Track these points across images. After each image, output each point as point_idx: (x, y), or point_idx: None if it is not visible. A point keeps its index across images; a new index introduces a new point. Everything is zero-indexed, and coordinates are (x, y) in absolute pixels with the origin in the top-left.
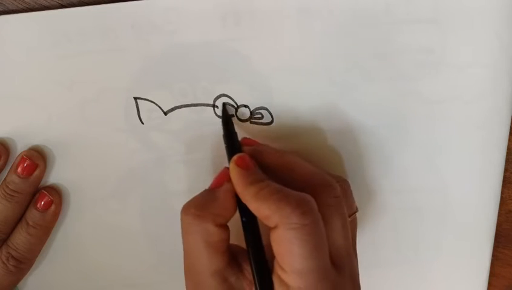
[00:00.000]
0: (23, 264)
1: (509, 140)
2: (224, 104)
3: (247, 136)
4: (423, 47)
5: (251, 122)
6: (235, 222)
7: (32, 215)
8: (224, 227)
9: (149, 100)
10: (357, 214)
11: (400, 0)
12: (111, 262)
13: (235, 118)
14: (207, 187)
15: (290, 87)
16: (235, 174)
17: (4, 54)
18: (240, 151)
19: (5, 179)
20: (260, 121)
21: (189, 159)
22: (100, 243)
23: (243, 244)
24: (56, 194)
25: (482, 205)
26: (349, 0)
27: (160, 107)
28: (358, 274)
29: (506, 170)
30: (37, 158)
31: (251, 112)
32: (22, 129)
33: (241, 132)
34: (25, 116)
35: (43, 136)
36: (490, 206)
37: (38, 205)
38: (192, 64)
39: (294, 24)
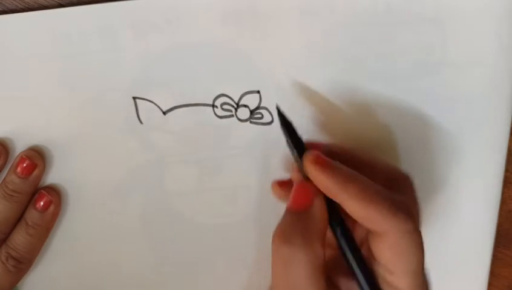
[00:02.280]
0: (22, 264)
1: (509, 140)
2: (278, 108)
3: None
4: (423, 47)
5: (251, 122)
6: None
7: (32, 215)
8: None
9: (148, 100)
10: None
11: (401, 0)
12: (111, 262)
13: (235, 118)
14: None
15: (290, 87)
16: (322, 176)
17: (4, 54)
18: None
19: (4, 179)
20: (260, 121)
21: (189, 159)
22: (99, 243)
23: None
24: (55, 194)
25: (482, 205)
26: (350, 0)
27: (159, 107)
28: None
29: (506, 170)
30: (37, 158)
31: (251, 112)
32: (22, 129)
33: (241, 132)
34: (24, 116)
35: (42, 136)
36: (490, 206)
37: (37, 205)
38: (191, 64)
39: (295, 24)
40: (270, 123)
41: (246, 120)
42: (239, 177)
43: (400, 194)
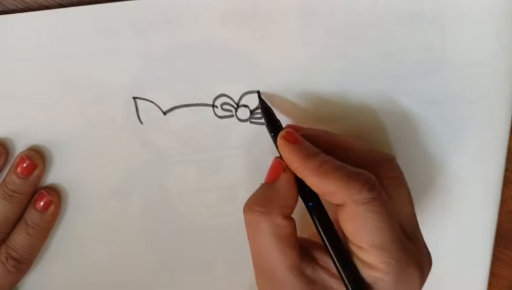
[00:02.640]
0: (22, 264)
1: (509, 140)
2: (259, 93)
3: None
4: (423, 46)
5: (251, 122)
6: None
7: (32, 215)
8: (291, 219)
9: (148, 100)
10: None
11: (401, 0)
12: (110, 262)
13: (235, 118)
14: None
15: (291, 87)
16: (287, 150)
17: (4, 53)
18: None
19: (4, 179)
20: (260, 120)
21: (189, 159)
22: (99, 243)
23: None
24: (55, 194)
25: (482, 205)
26: (350, 0)
27: (159, 107)
28: None
29: (506, 169)
30: (37, 158)
31: (251, 112)
32: (22, 129)
33: (241, 132)
34: (25, 116)
35: (42, 136)
36: (490, 206)
37: (37, 205)
38: (191, 64)
39: (295, 24)
40: None
41: (246, 120)
42: (239, 177)
43: (364, 171)
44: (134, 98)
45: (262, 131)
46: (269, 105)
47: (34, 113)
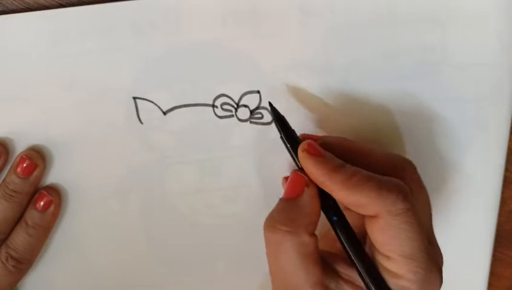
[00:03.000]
0: (22, 264)
1: (509, 140)
2: (270, 104)
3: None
4: (424, 47)
5: (251, 122)
6: None
7: (32, 215)
8: (315, 235)
9: (148, 100)
10: None
11: (401, 0)
12: (110, 262)
13: (235, 118)
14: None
15: (291, 87)
16: (311, 163)
17: (4, 54)
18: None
19: (4, 179)
20: (260, 121)
21: (189, 159)
22: (99, 243)
23: None
24: (56, 194)
25: (482, 205)
26: (350, 0)
27: (159, 107)
28: None
29: (506, 170)
30: (37, 158)
31: (251, 112)
32: (22, 129)
33: (241, 132)
34: (25, 116)
35: (42, 136)
36: (490, 206)
37: (37, 205)
38: (192, 64)
39: (295, 23)
40: (270, 123)
41: (246, 120)
42: (239, 177)
43: (394, 178)
44: (134, 98)
45: (262, 131)
46: (282, 115)
47: (34, 113)
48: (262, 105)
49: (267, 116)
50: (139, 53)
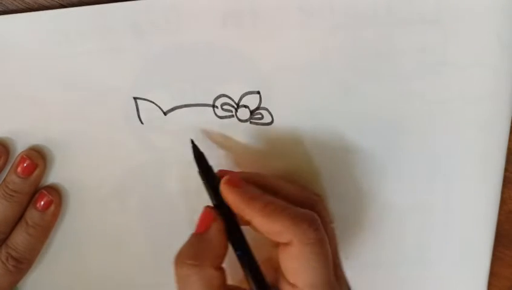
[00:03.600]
0: (22, 264)
1: (509, 140)
2: (192, 141)
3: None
4: (424, 47)
5: (251, 123)
6: None
7: (32, 215)
8: (222, 268)
9: (148, 100)
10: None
11: (401, 0)
12: (110, 262)
13: (235, 118)
14: None
15: (291, 87)
16: (231, 194)
17: (4, 54)
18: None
19: (4, 178)
20: (260, 121)
21: (189, 159)
22: (99, 243)
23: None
24: (56, 194)
25: (482, 205)
26: (350, 0)
27: (159, 107)
28: None
29: (506, 170)
30: (37, 158)
31: (251, 112)
32: (22, 129)
33: (241, 132)
34: (25, 116)
35: (43, 136)
36: (490, 206)
37: (38, 205)
38: (192, 64)
39: (295, 24)
40: (270, 123)
41: (246, 120)
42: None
43: (308, 210)
44: (135, 98)
45: (262, 132)
46: (201, 151)
47: (34, 113)
48: (262, 106)
49: (267, 117)
50: (139, 53)
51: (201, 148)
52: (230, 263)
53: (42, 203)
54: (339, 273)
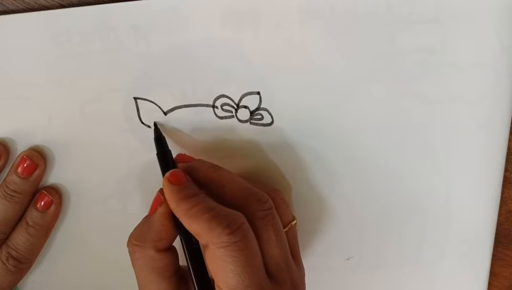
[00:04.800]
0: (23, 264)
1: (509, 140)
2: (155, 123)
3: (182, 150)
4: (424, 47)
5: (251, 123)
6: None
7: (32, 215)
8: (168, 251)
9: (149, 100)
10: (296, 223)
11: (401, 0)
12: (111, 262)
13: (235, 119)
14: None
15: (291, 88)
16: (167, 191)
17: (4, 54)
18: (174, 168)
19: (5, 179)
20: (260, 122)
21: None
22: (100, 242)
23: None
24: (56, 194)
25: (482, 205)
26: (351, 1)
27: (160, 108)
28: (303, 284)
29: (506, 170)
30: (38, 158)
31: (251, 113)
32: (22, 129)
33: (241, 133)
34: (25, 116)
35: (43, 136)
36: (490, 206)
37: (38, 205)
38: (192, 65)
39: (295, 24)
40: (270, 124)
41: (246, 121)
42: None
43: (239, 214)
44: (135, 98)
45: (262, 132)
46: (163, 135)
47: (34, 113)
48: (262, 106)
49: (267, 117)
50: (139, 53)
51: (202, 149)
52: None
53: (42, 203)
54: (280, 276)
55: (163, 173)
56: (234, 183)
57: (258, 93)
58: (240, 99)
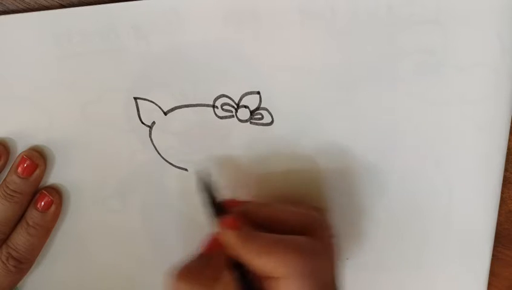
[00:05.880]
0: (23, 264)
1: (509, 140)
2: (198, 173)
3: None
4: (424, 48)
5: (251, 123)
6: None
7: (33, 215)
8: None
9: (149, 100)
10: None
11: (402, 1)
12: (111, 262)
13: (235, 118)
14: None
15: (291, 88)
16: (230, 237)
17: (4, 54)
18: (226, 213)
19: (5, 179)
20: (260, 121)
21: (189, 159)
22: (100, 243)
23: None
24: (56, 195)
25: (482, 205)
26: (351, 1)
27: (160, 108)
28: None
29: (506, 170)
30: (38, 158)
31: (251, 113)
32: (23, 129)
33: (241, 133)
34: (26, 116)
35: (43, 136)
36: (490, 206)
37: (38, 205)
38: (192, 64)
39: (295, 24)
40: (270, 124)
41: (246, 121)
42: (239, 177)
43: (306, 238)
44: (135, 98)
45: (262, 132)
46: (209, 182)
47: (34, 113)
48: (262, 106)
49: (267, 117)
50: (140, 53)
51: (202, 149)
52: None
53: (43, 203)
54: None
55: (216, 219)
56: (292, 213)
57: (258, 93)
58: (240, 99)
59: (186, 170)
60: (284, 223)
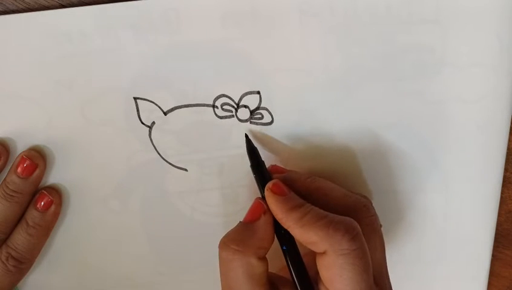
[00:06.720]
0: (23, 264)
1: (509, 140)
2: (246, 135)
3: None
4: (424, 47)
5: (251, 123)
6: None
7: (32, 215)
8: (265, 259)
9: (149, 100)
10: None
11: (401, 0)
12: (111, 262)
13: (235, 118)
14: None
15: (291, 87)
16: (273, 202)
17: (4, 54)
18: (271, 179)
19: (5, 179)
20: (260, 121)
21: (189, 159)
22: (100, 243)
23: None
24: (56, 194)
25: (481, 205)
26: (350, 1)
27: (159, 108)
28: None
29: (506, 170)
30: (37, 158)
31: (251, 112)
32: (22, 129)
33: (241, 132)
34: (25, 116)
35: (43, 136)
36: (490, 206)
37: (38, 205)
38: (192, 64)
39: (295, 24)
40: (270, 123)
41: (246, 120)
42: (239, 177)
43: (350, 219)
44: (135, 98)
45: (262, 131)
46: (255, 146)
47: (34, 113)
48: (262, 106)
49: (267, 117)
50: (139, 53)
51: (202, 149)
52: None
53: (42, 203)
54: (381, 281)
55: (261, 184)
56: (336, 191)
57: (258, 92)
58: (240, 99)
59: (185, 170)
60: (329, 201)
